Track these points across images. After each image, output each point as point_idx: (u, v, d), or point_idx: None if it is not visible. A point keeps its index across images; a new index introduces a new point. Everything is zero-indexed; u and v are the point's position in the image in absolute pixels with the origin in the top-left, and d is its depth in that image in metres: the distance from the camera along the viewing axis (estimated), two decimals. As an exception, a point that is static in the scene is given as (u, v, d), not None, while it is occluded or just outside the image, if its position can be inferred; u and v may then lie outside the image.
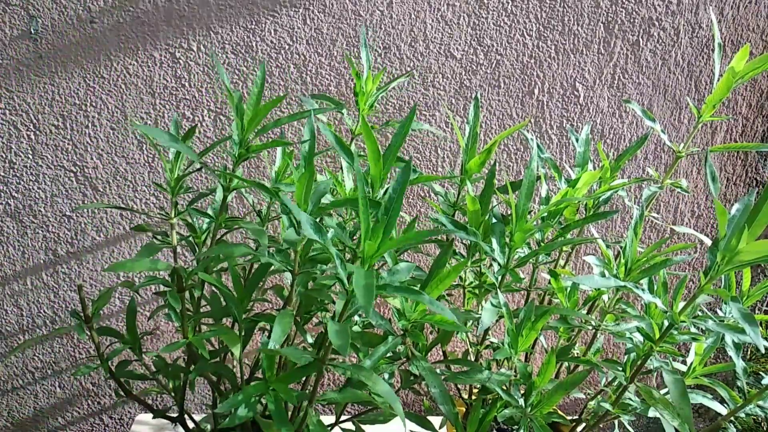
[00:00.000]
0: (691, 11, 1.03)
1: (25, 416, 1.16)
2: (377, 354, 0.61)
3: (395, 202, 0.50)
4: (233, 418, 0.58)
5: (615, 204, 1.13)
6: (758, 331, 0.53)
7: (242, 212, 1.08)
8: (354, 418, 0.76)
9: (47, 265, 1.08)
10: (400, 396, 1.23)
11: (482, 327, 0.64)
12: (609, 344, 1.23)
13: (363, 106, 0.76)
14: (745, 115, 1.11)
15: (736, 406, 0.70)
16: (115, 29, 0.97)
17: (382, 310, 1.14)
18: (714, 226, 1.17)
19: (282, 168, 0.71)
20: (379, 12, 0.99)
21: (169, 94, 1.01)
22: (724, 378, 1.25)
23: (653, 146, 1.11)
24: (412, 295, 0.51)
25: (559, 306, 0.75)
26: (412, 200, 1.10)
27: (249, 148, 0.63)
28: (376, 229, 0.50)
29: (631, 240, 0.66)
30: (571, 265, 1.13)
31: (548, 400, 0.65)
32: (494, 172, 0.72)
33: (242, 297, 0.66)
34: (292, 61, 1.01)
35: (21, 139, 1.01)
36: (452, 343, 1.18)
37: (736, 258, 0.53)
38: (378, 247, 0.50)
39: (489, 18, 1.01)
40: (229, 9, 0.97)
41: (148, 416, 1.06)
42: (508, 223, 0.69)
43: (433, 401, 0.60)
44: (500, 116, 1.07)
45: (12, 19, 0.95)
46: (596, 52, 1.05)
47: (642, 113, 0.83)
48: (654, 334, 0.64)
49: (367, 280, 0.45)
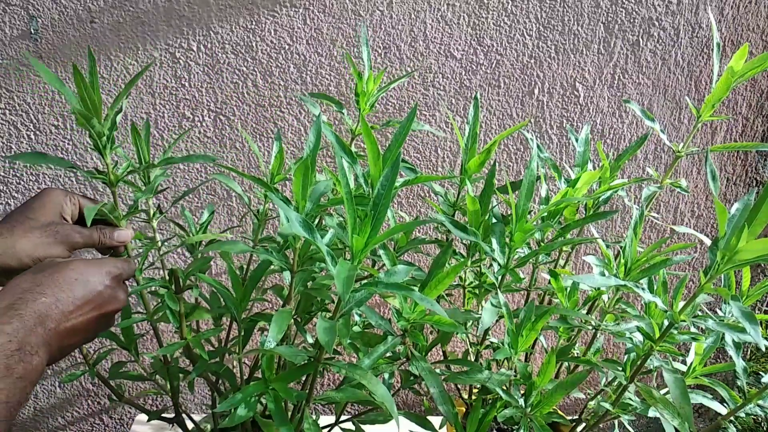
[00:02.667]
0: (691, 11, 1.03)
1: (25, 416, 1.16)
2: (376, 354, 0.60)
3: (383, 198, 0.50)
4: (233, 418, 0.58)
5: (615, 204, 1.13)
6: (759, 329, 0.53)
7: (242, 212, 1.08)
8: (354, 418, 0.76)
9: (47, 265, 1.08)
10: (400, 396, 1.23)
11: (482, 327, 0.64)
12: (609, 344, 1.23)
13: (364, 107, 0.76)
14: (745, 115, 1.11)
15: (736, 406, 0.70)
16: (115, 29, 0.97)
17: (382, 311, 1.14)
18: (714, 226, 1.17)
19: (275, 167, 0.71)
20: (379, 12, 0.99)
21: (169, 94, 1.01)
22: (723, 378, 1.25)
23: (653, 146, 1.11)
24: (402, 291, 0.51)
25: (559, 306, 0.75)
26: (412, 200, 1.10)
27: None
28: (364, 224, 0.50)
29: (631, 240, 0.66)
30: (571, 265, 1.13)
31: (548, 400, 0.65)
32: (494, 172, 0.72)
33: (241, 297, 0.66)
34: (292, 61, 1.01)
35: (21, 139, 1.01)
36: (452, 343, 1.18)
37: (736, 257, 0.53)
38: (366, 243, 0.50)
39: (489, 18, 1.01)
40: (229, 9, 0.97)
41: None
42: (508, 223, 0.68)
43: (433, 401, 0.59)
44: (500, 116, 1.07)
45: (12, 19, 0.95)
46: (596, 52, 1.05)
47: (642, 113, 0.83)
48: (654, 334, 0.64)
49: (348, 273, 0.47)
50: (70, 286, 0.52)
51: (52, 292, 0.51)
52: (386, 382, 0.75)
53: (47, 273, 0.52)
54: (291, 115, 1.03)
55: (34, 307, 0.49)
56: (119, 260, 0.59)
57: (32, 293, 0.50)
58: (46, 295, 0.50)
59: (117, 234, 0.63)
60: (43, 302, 0.50)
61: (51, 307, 0.50)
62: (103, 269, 0.56)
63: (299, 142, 1.04)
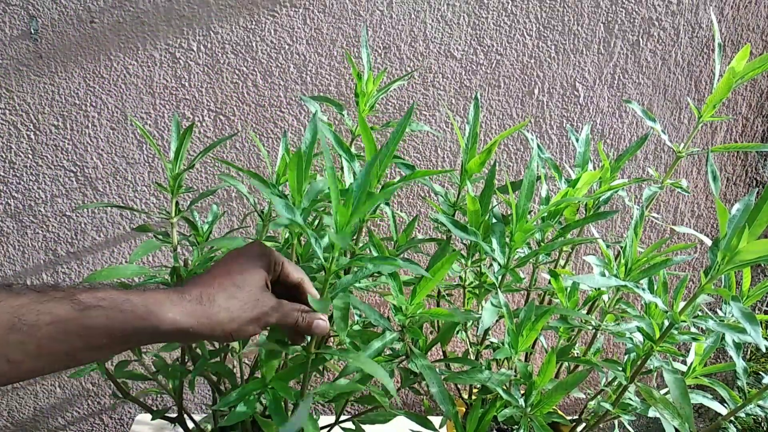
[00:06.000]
0: (691, 11, 1.03)
1: (25, 416, 1.16)
2: (372, 349, 0.60)
3: (365, 175, 0.51)
4: (232, 416, 0.58)
5: (615, 204, 1.13)
6: (759, 330, 0.53)
7: (243, 212, 1.08)
8: (354, 418, 0.76)
9: (47, 265, 1.08)
10: (400, 395, 1.23)
11: (482, 327, 0.64)
12: (609, 344, 1.23)
13: (363, 107, 0.76)
14: (745, 115, 1.11)
15: (736, 406, 0.70)
16: (115, 29, 0.97)
17: (382, 310, 1.14)
18: (714, 226, 1.17)
19: (282, 168, 0.71)
20: (379, 12, 0.99)
21: (169, 94, 1.01)
22: (723, 378, 1.25)
23: (653, 146, 1.11)
24: (383, 262, 0.53)
25: (559, 306, 0.75)
26: (412, 200, 1.10)
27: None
28: (347, 201, 0.51)
29: (632, 240, 0.66)
30: (571, 265, 1.13)
31: (548, 400, 0.65)
32: (494, 172, 0.72)
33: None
34: (292, 61, 1.01)
35: (21, 139, 1.01)
36: (452, 343, 1.18)
37: (736, 257, 0.53)
38: (350, 218, 0.51)
39: (489, 18, 1.01)
40: (229, 9, 0.97)
41: (148, 416, 1.06)
42: (508, 223, 0.68)
43: (433, 401, 0.59)
44: (500, 116, 1.07)
45: (12, 19, 0.95)
46: (596, 52, 1.05)
47: (642, 113, 0.83)
48: (654, 334, 0.64)
49: (343, 235, 0.51)
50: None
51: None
52: (372, 359, 0.75)
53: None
54: (291, 115, 1.03)
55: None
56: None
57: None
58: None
59: (316, 324, 0.55)
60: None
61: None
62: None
63: (299, 143, 1.04)
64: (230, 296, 0.50)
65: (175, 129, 0.70)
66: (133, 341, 0.48)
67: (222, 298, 0.50)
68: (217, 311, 0.49)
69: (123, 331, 0.46)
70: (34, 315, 0.44)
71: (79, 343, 0.45)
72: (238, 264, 0.52)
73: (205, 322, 0.49)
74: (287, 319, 0.54)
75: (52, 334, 0.44)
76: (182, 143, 0.69)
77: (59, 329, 0.44)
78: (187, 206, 0.74)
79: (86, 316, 0.45)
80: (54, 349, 0.44)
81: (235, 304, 0.50)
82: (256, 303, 0.51)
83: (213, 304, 0.49)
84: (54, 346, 0.44)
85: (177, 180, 0.69)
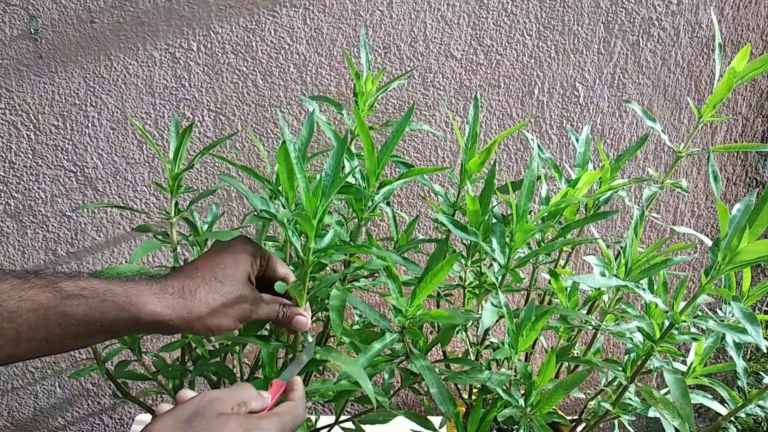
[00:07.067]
0: (691, 11, 1.03)
1: (25, 416, 1.16)
2: (372, 351, 0.60)
3: (337, 155, 0.54)
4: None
5: (615, 204, 1.13)
6: (759, 330, 0.53)
7: (243, 212, 1.08)
8: (354, 418, 0.76)
9: (47, 265, 1.08)
10: (400, 395, 1.23)
11: (482, 327, 0.64)
12: (609, 344, 1.23)
13: (362, 107, 0.76)
14: (745, 115, 1.11)
15: (736, 406, 0.70)
16: (115, 29, 0.97)
17: (382, 310, 1.14)
18: (714, 226, 1.17)
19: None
20: (379, 12, 0.99)
21: (169, 94, 1.01)
22: (723, 378, 1.25)
23: (653, 146, 1.11)
24: (359, 250, 0.56)
25: (559, 306, 0.75)
26: (412, 200, 1.10)
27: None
28: (316, 189, 0.52)
29: (632, 240, 0.66)
30: (571, 265, 1.13)
31: (548, 400, 0.65)
32: (494, 172, 0.72)
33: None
34: (292, 61, 1.01)
35: (21, 139, 1.01)
36: (452, 343, 1.17)
37: (737, 258, 0.53)
38: (318, 205, 0.52)
39: (489, 18, 1.01)
40: (229, 9, 0.97)
41: (148, 416, 1.06)
42: (509, 223, 0.68)
43: (433, 401, 0.59)
44: (500, 116, 1.07)
45: (12, 19, 0.95)
46: (596, 52, 1.05)
47: (642, 113, 0.83)
48: (654, 334, 0.64)
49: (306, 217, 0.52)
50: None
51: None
52: (386, 382, 0.75)
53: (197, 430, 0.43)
54: (291, 115, 1.03)
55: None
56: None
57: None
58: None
59: (296, 320, 0.56)
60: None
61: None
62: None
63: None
64: (212, 290, 0.51)
65: (174, 129, 0.70)
66: (113, 331, 0.48)
67: (203, 291, 0.50)
68: (198, 305, 0.50)
69: (103, 321, 0.47)
70: (16, 301, 0.44)
71: (59, 331, 0.46)
72: (222, 258, 0.53)
73: (185, 315, 0.49)
74: (268, 312, 0.54)
75: (32, 321, 0.45)
76: (181, 143, 0.69)
77: (39, 316, 0.45)
78: (187, 206, 0.74)
79: (67, 304, 0.46)
80: (34, 336, 0.45)
81: (216, 299, 0.51)
82: (237, 298, 0.52)
83: (194, 297, 0.50)
84: (34, 332, 0.45)
85: (176, 180, 0.69)
